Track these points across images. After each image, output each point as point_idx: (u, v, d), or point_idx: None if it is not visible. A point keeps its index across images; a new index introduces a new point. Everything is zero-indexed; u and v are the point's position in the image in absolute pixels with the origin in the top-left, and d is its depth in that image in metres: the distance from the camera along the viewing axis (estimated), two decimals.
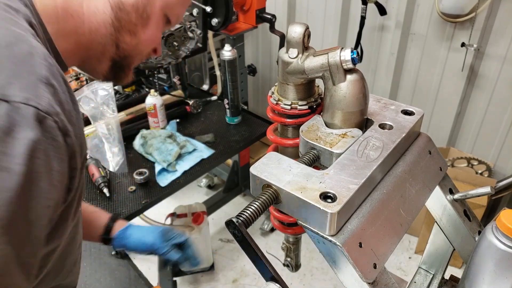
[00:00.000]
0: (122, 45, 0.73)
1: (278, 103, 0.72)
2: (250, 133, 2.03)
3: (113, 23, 0.70)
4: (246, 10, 2.09)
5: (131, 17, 0.71)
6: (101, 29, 0.70)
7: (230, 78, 1.96)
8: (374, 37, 2.44)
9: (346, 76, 0.65)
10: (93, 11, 0.68)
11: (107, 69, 0.76)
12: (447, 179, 0.78)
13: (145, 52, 0.79)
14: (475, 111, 2.31)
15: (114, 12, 0.69)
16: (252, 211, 0.57)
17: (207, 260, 2.23)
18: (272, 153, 0.65)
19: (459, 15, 2.06)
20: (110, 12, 0.69)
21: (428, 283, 0.88)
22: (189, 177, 1.78)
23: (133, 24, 0.72)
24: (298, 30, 0.66)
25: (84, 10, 0.68)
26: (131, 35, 0.73)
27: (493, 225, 0.60)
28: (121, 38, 0.72)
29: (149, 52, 0.80)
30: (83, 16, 0.68)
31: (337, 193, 0.56)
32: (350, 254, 0.55)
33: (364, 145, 0.66)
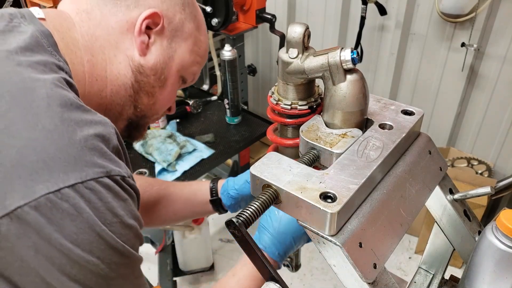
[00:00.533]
0: (140, 106, 0.76)
1: (278, 103, 0.72)
2: (250, 133, 2.03)
3: (133, 85, 0.73)
4: (246, 10, 2.09)
5: (150, 80, 0.74)
6: (121, 91, 0.72)
7: (230, 78, 1.96)
8: (374, 37, 2.44)
9: (346, 76, 0.65)
10: (115, 75, 0.71)
11: (122, 128, 0.78)
12: (447, 179, 0.78)
13: (160, 112, 0.82)
14: (475, 111, 2.31)
15: (135, 75, 0.72)
16: (252, 211, 0.57)
17: (207, 260, 2.23)
18: (272, 153, 0.65)
19: (459, 15, 2.06)
20: (131, 75, 0.72)
21: (428, 283, 0.88)
22: (189, 177, 1.78)
23: (151, 86, 0.75)
24: (298, 30, 0.66)
25: (107, 74, 0.70)
26: (148, 97, 0.76)
27: (493, 225, 0.60)
28: (139, 100, 0.75)
29: (164, 111, 0.84)
30: (106, 80, 0.71)
31: (337, 193, 0.56)
32: (350, 254, 0.55)
33: (364, 145, 0.66)
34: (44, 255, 0.49)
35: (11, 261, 0.48)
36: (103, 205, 0.53)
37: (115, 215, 0.54)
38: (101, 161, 0.54)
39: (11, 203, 0.47)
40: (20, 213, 0.47)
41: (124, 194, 0.57)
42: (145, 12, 0.69)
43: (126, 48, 0.71)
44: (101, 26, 0.69)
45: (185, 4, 0.76)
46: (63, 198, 0.49)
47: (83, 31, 0.68)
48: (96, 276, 0.53)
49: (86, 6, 0.69)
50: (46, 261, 0.49)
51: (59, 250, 0.49)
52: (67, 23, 0.68)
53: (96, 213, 0.52)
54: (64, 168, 0.50)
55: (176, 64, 0.76)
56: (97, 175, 0.52)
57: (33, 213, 0.47)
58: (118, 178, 0.56)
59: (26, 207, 0.47)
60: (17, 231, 0.47)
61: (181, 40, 0.76)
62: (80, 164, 0.51)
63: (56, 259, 0.49)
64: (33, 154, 0.49)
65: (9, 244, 0.47)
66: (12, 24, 0.61)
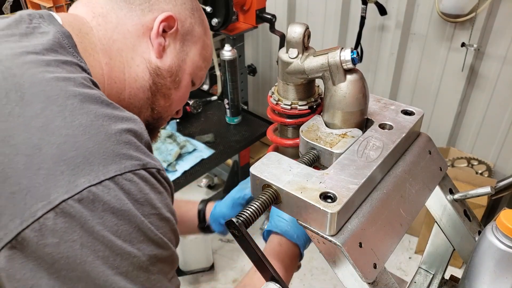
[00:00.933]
0: (157, 108, 0.78)
1: (278, 103, 0.72)
2: (250, 133, 2.03)
3: (151, 87, 0.74)
4: (246, 10, 2.09)
5: (167, 82, 0.76)
6: (139, 94, 0.74)
7: (230, 78, 1.96)
8: (374, 37, 2.44)
9: (346, 76, 0.65)
10: (133, 77, 0.72)
11: None
12: (447, 179, 0.78)
13: (173, 113, 0.84)
14: (475, 111, 2.31)
15: (152, 77, 0.74)
16: (252, 211, 0.57)
17: (207, 260, 2.23)
18: (272, 153, 0.65)
19: (459, 15, 2.06)
20: (149, 77, 0.73)
21: (428, 283, 0.88)
22: (189, 177, 1.78)
23: (167, 88, 0.76)
24: (298, 30, 0.66)
25: (125, 76, 0.72)
26: (165, 98, 0.78)
27: (493, 225, 0.60)
28: (156, 102, 0.77)
29: (173, 114, 0.85)
30: (125, 82, 0.72)
31: (337, 193, 0.56)
32: (350, 254, 0.55)
33: (364, 145, 0.66)
34: (89, 248, 0.49)
35: (57, 257, 0.49)
36: (142, 196, 0.54)
37: (153, 207, 0.55)
38: (137, 154, 0.55)
39: (55, 197, 0.48)
40: (64, 207, 0.48)
41: (160, 186, 0.58)
42: (162, 15, 0.71)
43: (143, 51, 0.72)
44: (118, 29, 0.70)
45: (194, 9, 0.79)
46: (104, 190, 0.50)
47: (100, 35, 0.70)
48: (137, 269, 0.53)
49: (102, 10, 0.71)
50: (91, 254, 0.50)
51: (102, 242, 0.50)
52: (85, 28, 0.69)
53: (135, 205, 0.53)
54: (103, 162, 0.51)
55: (188, 67, 0.79)
56: (134, 167, 0.54)
57: (77, 206, 0.49)
58: (154, 170, 0.57)
59: (70, 200, 0.48)
60: (62, 225, 0.48)
61: (191, 43, 0.78)
62: (117, 157, 0.53)
63: (100, 252, 0.50)
64: (73, 149, 0.50)
65: (56, 240, 0.48)
66: (32, 25, 0.63)
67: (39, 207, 0.48)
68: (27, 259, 0.48)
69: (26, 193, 0.48)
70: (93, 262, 0.50)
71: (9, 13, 2.61)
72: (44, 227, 0.47)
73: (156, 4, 0.72)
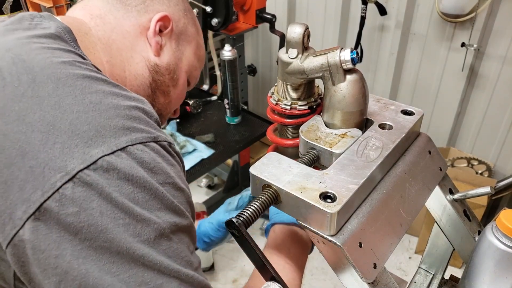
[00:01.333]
0: (157, 105, 0.80)
1: (278, 103, 0.72)
2: (250, 133, 2.03)
3: (151, 85, 0.77)
4: (246, 10, 2.09)
5: (166, 79, 0.78)
6: (140, 91, 0.76)
7: (230, 78, 1.96)
8: (374, 37, 2.44)
9: (346, 76, 0.65)
10: (134, 75, 0.75)
11: None
12: (447, 179, 0.78)
13: (172, 111, 0.86)
14: (475, 111, 2.31)
15: (152, 75, 0.76)
16: (252, 211, 0.57)
17: (207, 260, 2.23)
18: (272, 153, 0.65)
19: (459, 15, 2.06)
20: (148, 75, 0.76)
21: (428, 283, 0.88)
22: (189, 177, 1.78)
23: (166, 85, 0.79)
24: (297, 30, 0.66)
25: (126, 74, 0.74)
26: (164, 96, 0.80)
27: (493, 225, 0.60)
28: (156, 99, 0.79)
29: (171, 114, 0.88)
30: (126, 80, 0.74)
31: (337, 193, 0.56)
32: (350, 254, 0.55)
33: (364, 145, 0.66)
34: (108, 216, 0.51)
35: (79, 226, 0.50)
36: (156, 165, 0.55)
37: (167, 176, 0.56)
38: (147, 128, 0.57)
39: (72, 168, 0.50)
40: (81, 176, 0.50)
41: (171, 159, 0.59)
42: (157, 15, 0.74)
43: (142, 50, 0.75)
44: (116, 30, 0.73)
45: (186, 10, 0.82)
46: (117, 159, 0.52)
47: (99, 35, 0.72)
48: (159, 236, 0.54)
49: (99, 12, 0.73)
50: (111, 222, 0.51)
51: (121, 209, 0.51)
52: (84, 28, 0.71)
53: (149, 173, 0.54)
54: (115, 134, 0.53)
55: (184, 65, 0.82)
56: (145, 139, 0.56)
57: (93, 175, 0.50)
58: (165, 143, 0.59)
59: (86, 170, 0.50)
60: (81, 193, 0.50)
61: (186, 43, 0.81)
62: (128, 130, 0.55)
63: (121, 220, 0.51)
64: (85, 124, 0.53)
65: (76, 209, 0.50)
66: (34, 22, 0.65)
67: (58, 178, 0.49)
68: (50, 230, 0.49)
69: (44, 166, 0.50)
70: (114, 229, 0.51)
71: (9, 13, 2.61)
72: (64, 197, 0.49)
73: (151, 5, 0.75)
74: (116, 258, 0.50)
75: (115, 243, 0.51)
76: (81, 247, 0.50)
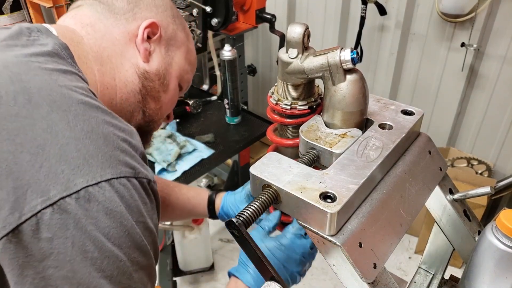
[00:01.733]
0: (148, 111, 0.81)
1: (278, 103, 0.72)
2: (250, 133, 2.03)
3: (141, 91, 0.78)
4: (246, 10, 2.08)
5: (155, 85, 0.79)
6: (130, 98, 0.77)
7: (230, 78, 1.96)
8: (374, 37, 2.44)
9: (346, 76, 0.65)
10: (123, 82, 0.76)
11: None
12: (447, 179, 0.78)
13: (164, 117, 0.87)
14: (475, 111, 2.31)
15: (141, 81, 0.77)
16: (252, 211, 0.58)
17: (207, 260, 2.23)
18: (272, 153, 0.65)
19: (459, 15, 2.06)
20: (138, 81, 0.77)
21: (428, 283, 0.88)
22: (189, 177, 1.78)
23: (156, 90, 0.80)
24: (298, 30, 0.66)
25: (116, 82, 0.75)
26: (155, 101, 0.81)
27: (493, 225, 0.60)
28: (147, 105, 0.80)
29: (164, 118, 0.88)
30: (116, 88, 0.75)
31: (337, 193, 0.56)
32: (350, 254, 0.55)
33: (364, 145, 0.66)
34: (79, 247, 0.51)
35: (48, 253, 0.50)
36: (133, 202, 0.56)
37: (141, 214, 0.58)
38: (132, 162, 0.58)
39: (54, 194, 0.50)
40: (62, 204, 0.50)
41: (146, 198, 0.60)
42: (145, 22, 0.76)
43: (131, 57, 0.76)
44: (106, 37, 0.74)
45: (175, 16, 0.84)
46: (100, 191, 0.53)
47: (91, 43, 0.73)
48: (122, 274, 0.55)
49: (89, 20, 0.75)
50: (80, 254, 0.51)
51: (93, 243, 0.52)
52: (76, 37, 0.72)
53: (128, 210, 0.55)
54: (102, 164, 0.54)
55: (175, 70, 0.82)
56: (128, 174, 0.56)
57: (73, 204, 0.51)
58: (145, 181, 0.59)
59: (68, 198, 0.51)
60: (58, 221, 0.50)
61: (175, 48, 0.83)
62: (115, 162, 0.55)
63: (90, 253, 0.52)
64: (74, 151, 0.53)
65: (50, 235, 0.50)
66: (32, 38, 0.66)
67: (39, 202, 0.50)
68: (17, 254, 0.50)
69: (27, 188, 0.50)
70: (82, 262, 0.51)
71: (9, 13, 2.61)
72: (41, 222, 0.50)
73: (139, 13, 0.77)
74: None
75: (78, 275, 0.51)
76: (43, 275, 0.50)
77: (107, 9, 0.76)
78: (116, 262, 0.54)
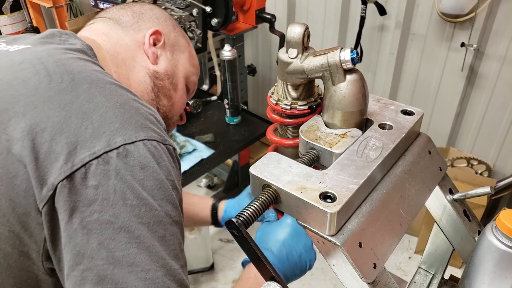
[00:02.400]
0: (161, 108, 0.91)
1: (278, 103, 0.72)
2: (250, 133, 2.03)
3: (153, 89, 0.88)
4: (246, 10, 2.09)
5: (166, 83, 0.90)
6: (144, 96, 0.87)
7: (230, 78, 1.96)
8: (374, 37, 2.44)
9: (346, 76, 0.65)
10: (137, 82, 0.86)
11: None
12: (447, 179, 0.78)
13: (177, 115, 0.97)
14: (475, 111, 2.31)
15: (153, 80, 0.88)
16: (252, 211, 0.57)
17: (207, 260, 2.23)
18: (272, 153, 0.65)
19: (459, 15, 2.06)
20: (150, 81, 0.88)
21: (428, 283, 0.88)
22: (189, 177, 1.78)
23: (167, 89, 0.90)
24: (297, 30, 0.66)
25: (131, 82, 0.86)
26: (167, 99, 0.91)
27: (493, 225, 0.60)
28: (160, 102, 0.90)
29: (178, 118, 0.98)
30: (131, 87, 0.85)
31: (337, 193, 0.56)
32: (350, 254, 0.55)
33: (364, 145, 0.66)
34: (120, 195, 0.60)
35: (94, 199, 0.59)
36: (162, 161, 0.65)
37: (169, 173, 0.66)
38: (159, 131, 0.68)
39: (99, 149, 0.60)
40: (105, 157, 0.60)
41: (173, 162, 0.68)
42: (150, 30, 0.88)
43: (141, 61, 0.87)
44: (119, 44, 0.87)
45: (175, 25, 0.96)
46: (135, 148, 0.62)
47: (107, 48, 0.85)
48: (157, 223, 0.62)
49: (103, 31, 0.88)
50: (121, 200, 0.60)
51: (131, 191, 0.60)
52: (95, 43, 0.84)
53: (159, 166, 0.64)
54: (136, 128, 0.64)
55: (181, 71, 0.93)
56: (157, 139, 0.66)
57: (114, 158, 0.61)
58: (171, 148, 0.68)
59: (110, 152, 0.61)
60: (102, 171, 0.60)
61: (180, 52, 0.94)
62: (146, 128, 0.66)
63: (129, 200, 0.60)
64: (113, 117, 0.64)
65: (95, 183, 0.59)
66: (63, 38, 0.79)
67: (87, 155, 0.60)
68: (70, 199, 0.58)
69: (77, 145, 0.60)
70: (122, 207, 0.59)
71: (8, 13, 2.61)
72: (88, 171, 0.59)
73: (143, 24, 0.90)
74: (117, 236, 0.58)
75: (120, 219, 0.59)
76: (90, 219, 0.58)
77: (116, 23, 0.89)
78: (152, 211, 0.61)
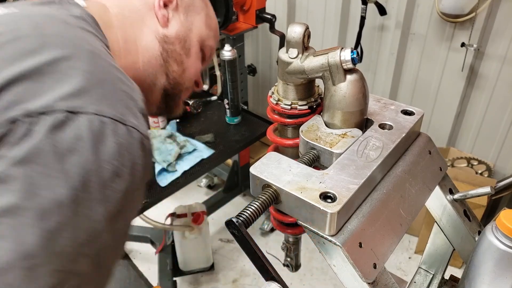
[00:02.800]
0: (171, 74, 0.86)
1: (278, 103, 0.72)
2: (250, 133, 2.03)
3: (162, 54, 0.84)
4: (246, 10, 2.09)
5: (176, 48, 0.85)
6: (152, 61, 0.83)
7: (230, 78, 1.96)
8: (374, 37, 2.44)
9: (346, 76, 0.65)
10: (144, 47, 0.83)
11: (160, 99, 0.88)
12: (447, 179, 0.78)
13: (191, 81, 0.92)
14: (475, 111, 2.31)
15: (161, 45, 0.83)
16: (252, 211, 0.57)
17: (207, 260, 2.23)
18: (272, 153, 0.65)
19: (459, 15, 2.06)
20: (158, 46, 0.83)
21: (428, 283, 0.88)
22: (189, 177, 1.78)
23: (178, 53, 0.86)
24: (298, 30, 0.66)
25: (138, 47, 0.82)
26: (177, 64, 0.86)
27: (493, 225, 0.60)
28: (169, 68, 0.86)
29: (192, 85, 0.93)
30: (138, 52, 0.82)
31: (337, 193, 0.56)
32: (350, 254, 0.55)
33: (364, 145, 0.66)
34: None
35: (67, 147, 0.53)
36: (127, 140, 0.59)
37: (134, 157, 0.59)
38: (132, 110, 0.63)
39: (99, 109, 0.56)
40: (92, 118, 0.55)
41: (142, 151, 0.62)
42: None
43: (150, 24, 0.83)
44: (128, 7, 0.83)
45: None
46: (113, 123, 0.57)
47: (115, 12, 0.81)
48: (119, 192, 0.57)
49: None
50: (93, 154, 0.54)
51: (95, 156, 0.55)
52: (102, 7, 0.81)
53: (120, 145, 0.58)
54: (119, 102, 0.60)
55: (195, 34, 0.88)
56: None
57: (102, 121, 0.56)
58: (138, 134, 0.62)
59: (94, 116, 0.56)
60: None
61: (195, 13, 0.88)
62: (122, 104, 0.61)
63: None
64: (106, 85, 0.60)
65: None
66: (63, 7, 0.75)
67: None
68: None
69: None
70: (94, 163, 0.54)
71: None
72: None
73: None
74: None
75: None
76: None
77: None
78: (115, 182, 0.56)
